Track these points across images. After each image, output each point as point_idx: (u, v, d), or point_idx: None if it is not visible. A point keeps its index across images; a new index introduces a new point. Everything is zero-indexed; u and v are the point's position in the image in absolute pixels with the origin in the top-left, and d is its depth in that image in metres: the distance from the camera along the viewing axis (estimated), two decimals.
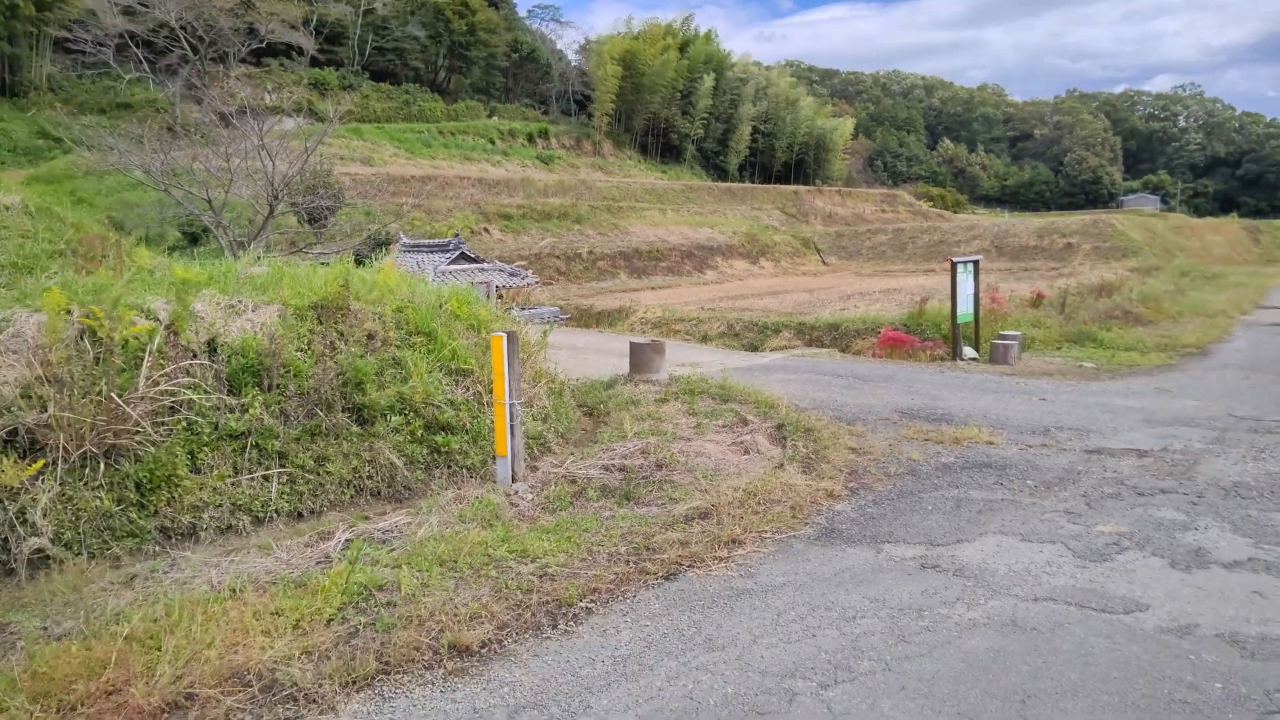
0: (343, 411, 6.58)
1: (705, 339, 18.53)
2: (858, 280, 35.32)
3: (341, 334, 7.06)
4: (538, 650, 4.08)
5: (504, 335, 6.61)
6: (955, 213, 77.56)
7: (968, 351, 14.60)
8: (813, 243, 50.61)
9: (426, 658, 3.95)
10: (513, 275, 20.78)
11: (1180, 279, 29.24)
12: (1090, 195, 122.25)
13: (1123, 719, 3.42)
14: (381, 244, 22.91)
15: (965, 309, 14.80)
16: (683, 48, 68.56)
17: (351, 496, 6.29)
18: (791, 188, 66.54)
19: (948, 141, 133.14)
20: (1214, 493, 6.64)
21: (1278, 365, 13.81)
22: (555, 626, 4.30)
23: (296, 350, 6.61)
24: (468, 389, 7.49)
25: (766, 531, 5.79)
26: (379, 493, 6.44)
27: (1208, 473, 7.23)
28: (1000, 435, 8.69)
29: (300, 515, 5.98)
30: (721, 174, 71.20)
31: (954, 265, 14.77)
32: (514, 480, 6.62)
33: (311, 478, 6.16)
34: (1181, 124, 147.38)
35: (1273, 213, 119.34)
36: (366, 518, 5.96)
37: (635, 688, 3.73)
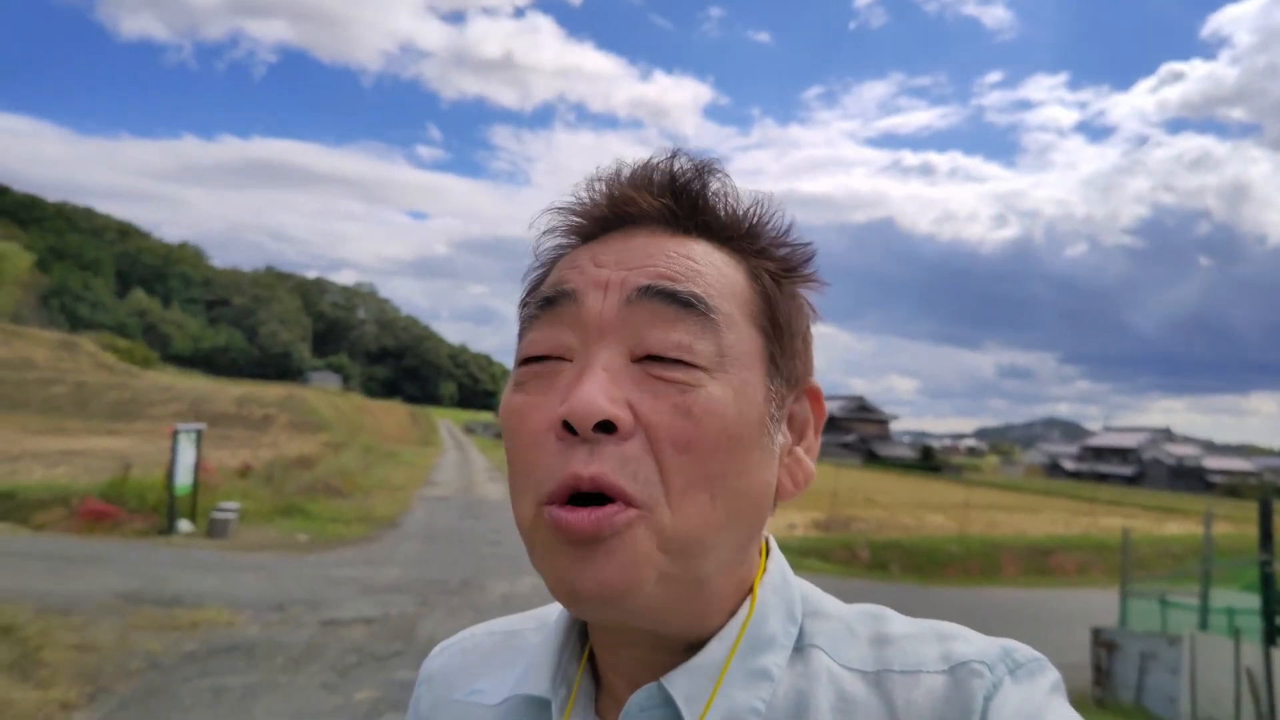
0: None
1: None
2: (26, 438, 29.92)
3: None
4: None
5: None
6: (145, 369, 72.88)
7: (184, 525, 13.93)
8: None
9: None
10: None
11: (366, 455, 33.16)
12: (281, 368, 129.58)
13: None
14: None
15: (185, 480, 14.23)
16: None
17: None
18: None
19: (141, 293, 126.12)
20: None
21: (447, 534, 16.87)
22: None
23: None
24: None
25: None
26: None
27: (424, 633, 8.50)
28: (239, 615, 8.62)
29: None
30: None
31: (176, 432, 14.18)
32: None
33: None
34: (361, 315, 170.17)
35: (425, 400, 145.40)
36: None
37: None
